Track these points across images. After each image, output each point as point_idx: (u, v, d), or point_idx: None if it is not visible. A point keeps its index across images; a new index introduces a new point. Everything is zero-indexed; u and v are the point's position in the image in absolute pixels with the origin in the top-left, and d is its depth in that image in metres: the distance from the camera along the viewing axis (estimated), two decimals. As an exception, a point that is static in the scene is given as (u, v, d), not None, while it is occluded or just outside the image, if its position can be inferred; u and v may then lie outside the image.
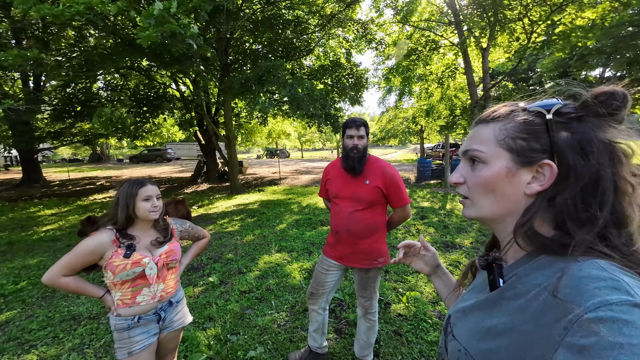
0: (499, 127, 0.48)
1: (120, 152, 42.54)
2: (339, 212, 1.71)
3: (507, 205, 0.47)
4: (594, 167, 0.40)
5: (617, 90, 0.43)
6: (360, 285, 1.78)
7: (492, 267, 0.49)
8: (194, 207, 7.26)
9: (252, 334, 2.31)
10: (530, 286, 0.41)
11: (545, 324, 0.35)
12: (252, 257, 3.90)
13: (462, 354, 0.47)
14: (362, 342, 1.87)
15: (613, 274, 0.34)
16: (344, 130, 1.67)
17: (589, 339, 0.30)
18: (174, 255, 1.42)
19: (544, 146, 0.44)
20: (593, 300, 0.32)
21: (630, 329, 0.29)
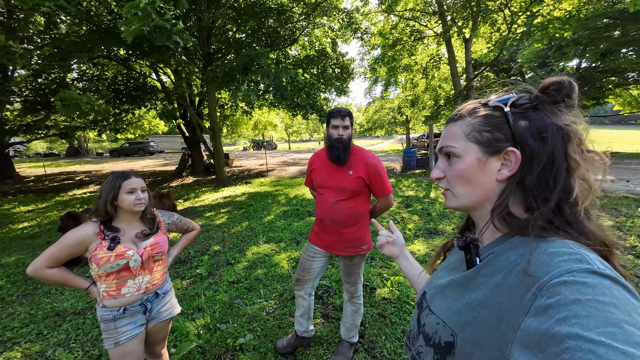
0: (466, 124, 0.53)
1: (100, 146, 40.95)
2: (323, 202, 1.75)
3: (483, 192, 0.52)
4: (549, 149, 0.46)
5: (563, 80, 0.48)
6: (345, 272, 1.84)
7: (470, 248, 0.53)
8: (180, 201, 7.15)
9: (242, 322, 2.36)
10: (505, 264, 0.45)
11: (517, 296, 0.39)
12: (240, 249, 3.92)
13: (441, 326, 0.50)
14: (348, 324, 1.95)
15: (578, 250, 0.39)
16: (329, 120, 1.70)
17: (552, 299, 0.34)
18: (159, 247, 1.43)
19: (506, 135, 0.49)
20: (558, 269, 0.37)
21: (587, 289, 0.34)
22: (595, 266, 0.36)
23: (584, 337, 0.30)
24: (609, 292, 0.33)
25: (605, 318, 0.31)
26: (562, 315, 0.32)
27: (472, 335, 0.45)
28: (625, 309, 0.32)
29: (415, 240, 4.02)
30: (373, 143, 45.32)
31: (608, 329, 0.30)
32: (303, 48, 11.65)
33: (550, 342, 0.32)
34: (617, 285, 0.35)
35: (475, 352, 0.43)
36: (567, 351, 0.30)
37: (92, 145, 38.92)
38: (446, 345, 0.48)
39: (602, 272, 0.35)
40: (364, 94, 27.02)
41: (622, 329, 0.30)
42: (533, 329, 0.35)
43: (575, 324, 0.31)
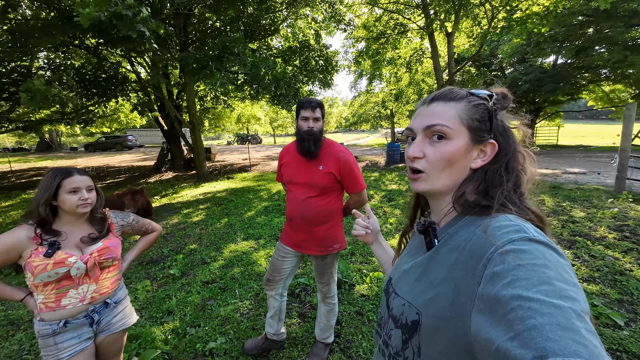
0: (462, 107, 0.54)
1: (75, 140, 38.99)
2: (293, 199, 1.65)
3: (457, 177, 0.54)
4: (511, 146, 0.53)
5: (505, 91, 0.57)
6: (318, 272, 1.77)
7: (428, 231, 0.56)
8: (157, 197, 6.87)
9: (213, 324, 2.25)
10: (460, 241, 0.49)
11: (472, 268, 0.43)
12: (217, 247, 3.78)
13: (407, 307, 0.53)
14: (322, 324, 1.89)
15: (517, 222, 0.44)
16: (298, 111, 1.59)
17: (498, 267, 0.39)
18: (109, 252, 1.29)
19: (488, 128, 0.53)
20: (502, 240, 0.42)
21: (525, 254, 0.39)
22: (531, 234, 0.41)
23: (524, 296, 0.34)
24: (542, 255, 0.38)
25: (539, 278, 0.36)
26: (507, 280, 0.37)
27: (434, 311, 0.47)
28: (555, 269, 0.37)
29: (396, 234, 4.01)
30: (359, 137, 45.44)
31: (542, 287, 0.35)
32: (286, 39, 11.38)
33: (500, 305, 0.36)
34: (549, 248, 0.40)
35: (439, 326, 0.46)
36: (513, 311, 0.34)
37: (65, 140, 36.96)
38: (412, 324, 0.51)
39: (537, 239, 0.41)
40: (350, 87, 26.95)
41: (553, 285, 0.35)
42: (485, 295, 0.39)
43: (517, 286, 0.36)
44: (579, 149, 15.07)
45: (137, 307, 2.50)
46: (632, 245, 3.31)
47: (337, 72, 11.13)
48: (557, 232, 3.82)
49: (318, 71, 9.80)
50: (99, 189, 1.29)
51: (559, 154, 13.50)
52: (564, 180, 7.25)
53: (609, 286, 2.59)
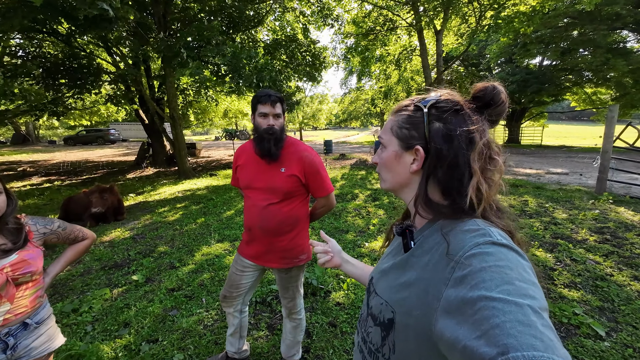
0: (394, 119, 0.60)
1: (54, 133, 37.43)
2: (251, 207, 1.47)
3: (400, 180, 0.59)
4: (453, 151, 0.51)
5: (487, 86, 0.53)
6: (282, 286, 1.59)
7: (406, 233, 0.58)
8: (132, 195, 6.54)
9: (172, 339, 2.05)
10: (432, 244, 0.51)
11: (440, 270, 0.46)
12: (189, 249, 3.56)
13: (384, 306, 0.56)
14: (288, 341, 1.72)
15: (484, 227, 0.47)
16: (256, 106, 1.40)
17: (465, 270, 0.41)
18: (26, 267, 1.09)
19: (420, 134, 0.54)
20: (469, 244, 0.44)
21: (489, 257, 0.41)
22: (495, 238, 0.44)
23: (488, 296, 0.36)
24: (504, 257, 0.41)
25: (502, 279, 0.38)
26: (473, 283, 0.39)
27: (406, 309, 0.50)
28: (517, 269, 0.39)
29: (378, 235, 3.88)
30: (349, 134, 45.38)
31: (504, 287, 0.37)
32: (273, 32, 11.07)
33: (467, 306, 0.38)
34: (511, 250, 0.42)
35: (409, 323, 0.49)
36: (479, 311, 0.36)
37: (44, 132, 35.42)
38: (388, 322, 0.54)
39: (500, 242, 0.43)
40: (340, 84, 26.80)
41: (514, 285, 0.37)
42: (453, 297, 0.41)
43: (482, 287, 0.37)
44: (561, 150, 15.38)
45: (90, 319, 2.27)
46: (613, 248, 3.28)
47: (325, 68, 10.91)
48: (539, 234, 3.77)
49: (305, 65, 9.56)
50: (10, 192, 1.09)
51: (543, 153, 13.73)
52: (547, 180, 7.30)
53: (590, 292, 2.53)
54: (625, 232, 3.74)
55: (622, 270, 2.84)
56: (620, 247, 3.31)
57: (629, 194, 5.53)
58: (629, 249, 3.25)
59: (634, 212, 4.45)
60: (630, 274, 2.77)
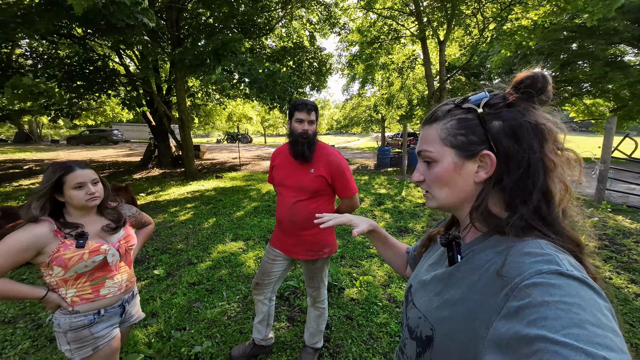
0: (441, 127, 0.52)
1: (56, 132, 37.55)
2: (283, 202, 1.63)
3: (461, 194, 0.52)
4: (525, 149, 0.45)
5: (536, 73, 0.48)
6: (308, 276, 1.74)
7: (452, 245, 0.54)
8: (142, 195, 6.68)
9: (199, 327, 2.19)
10: (483, 262, 0.46)
11: (492, 294, 0.41)
12: (204, 247, 3.70)
13: (422, 320, 0.52)
14: (312, 329, 1.86)
15: (549, 251, 0.40)
16: (292, 113, 1.57)
17: (523, 301, 0.36)
18: (132, 240, 1.30)
19: (480, 137, 0.49)
20: (529, 270, 0.38)
21: (555, 290, 0.35)
22: (564, 267, 0.37)
23: (550, 338, 0.31)
24: (575, 293, 0.34)
25: (570, 319, 0.32)
26: (531, 318, 0.34)
27: (448, 330, 0.46)
28: (590, 310, 0.33)
29: (385, 238, 4.02)
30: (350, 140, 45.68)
31: (573, 330, 0.31)
32: (280, 39, 11.33)
33: (521, 344, 0.33)
34: (584, 285, 0.36)
35: (451, 347, 0.45)
36: (536, 353, 0.31)
37: (46, 131, 35.55)
38: (426, 339, 0.50)
39: (570, 274, 0.37)
40: (342, 90, 27.08)
41: (586, 330, 0.31)
42: (505, 329, 0.36)
43: (543, 326, 0.32)
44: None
45: (119, 309, 2.40)
46: (611, 254, 3.43)
47: (330, 74, 11.15)
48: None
49: (311, 73, 9.78)
50: (104, 179, 1.26)
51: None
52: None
53: (590, 293, 2.67)
54: (623, 238, 3.89)
55: (620, 274, 2.99)
56: (618, 253, 3.46)
57: (627, 203, 5.71)
58: (626, 255, 3.41)
59: (631, 220, 4.61)
60: (628, 277, 2.92)
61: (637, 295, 2.61)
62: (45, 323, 2.23)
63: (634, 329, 2.19)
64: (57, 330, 1.13)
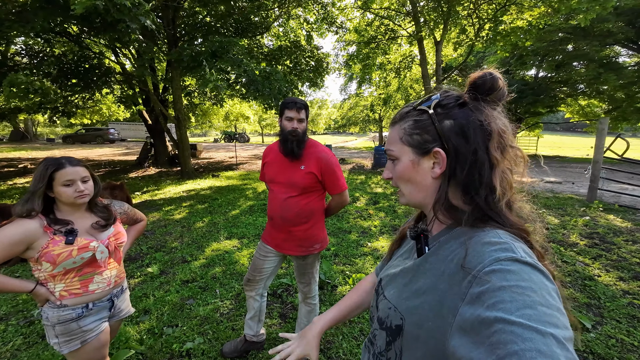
0: (399, 128, 0.57)
1: (52, 131, 37.28)
2: (274, 199, 1.65)
3: (423, 189, 0.56)
4: (472, 146, 0.49)
5: (485, 73, 0.51)
6: (299, 272, 1.76)
7: (420, 237, 0.57)
8: (137, 193, 6.66)
9: (192, 324, 2.20)
10: (448, 252, 0.49)
11: (456, 283, 0.43)
12: (198, 245, 3.70)
13: (392, 311, 0.54)
14: (303, 325, 1.88)
15: (505, 240, 0.44)
16: (283, 111, 1.59)
17: (483, 287, 0.39)
18: (121, 237, 1.32)
19: (433, 136, 0.52)
20: (489, 258, 0.41)
21: (511, 275, 0.38)
22: (519, 254, 0.41)
23: (506, 319, 0.34)
24: (528, 277, 0.38)
25: (523, 301, 0.35)
26: (491, 302, 0.37)
27: (417, 319, 0.48)
28: (540, 292, 0.37)
29: (380, 236, 4.05)
30: (347, 139, 45.71)
31: (526, 311, 0.35)
32: (277, 38, 11.32)
33: (482, 326, 0.36)
34: (535, 270, 0.40)
35: (420, 334, 0.47)
36: (495, 334, 0.34)
37: (42, 130, 35.29)
38: (396, 328, 0.53)
39: (524, 260, 0.40)
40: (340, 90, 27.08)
41: (536, 310, 0.35)
42: (468, 314, 0.39)
43: (501, 308, 0.35)
44: (555, 159, 15.74)
45: (111, 306, 2.41)
46: (601, 252, 3.48)
47: (327, 74, 11.17)
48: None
49: (308, 72, 9.80)
50: (95, 177, 1.26)
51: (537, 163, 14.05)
52: (541, 188, 7.55)
53: (579, 291, 2.72)
54: (613, 237, 3.95)
55: (609, 271, 3.04)
56: (608, 251, 3.51)
57: (618, 202, 5.78)
58: (616, 253, 3.46)
59: (622, 220, 4.68)
60: (617, 275, 2.96)
61: (625, 292, 2.66)
62: (37, 320, 2.23)
63: (620, 325, 2.23)
64: (46, 324, 1.14)
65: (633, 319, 2.30)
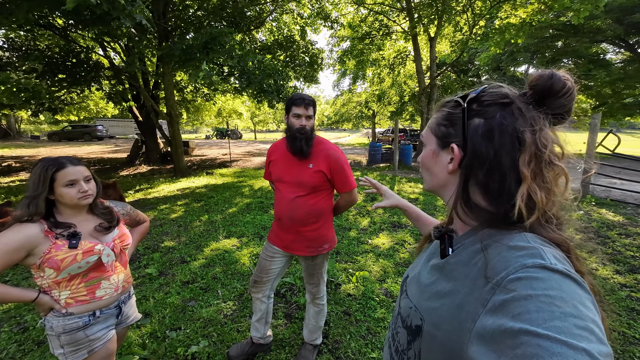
0: (435, 116, 0.57)
1: (37, 128, 36.16)
2: (281, 198, 1.60)
3: (439, 180, 0.56)
4: (492, 151, 0.46)
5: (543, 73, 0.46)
6: (307, 273, 1.72)
7: (444, 238, 0.55)
8: (130, 192, 6.50)
9: (195, 327, 2.14)
10: (472, 255, 0.47)
11: (478, 288, 0.42)
12: (197, 245, 3.63)
13: (412, 310, 0.54)
14: (311, 326, 1.85)
15: (534, 244, 0.41)
16: (290, 108, 1.53)
17: (508, 295, 0.37)
18: (127, 239, 1.26)
19: (457, 131, 0.51)
20: (515, 265, 0.39)
21: (538, 284, 0.36)
22: (548, 261, 0.38)
23: (533, 332, 0.32)
24: (557, 286, 0.35)
25: (552, 312, 0.33)
26: (515, 312, 0.35)
27: (436, 320, 0.47)
28: (572, 302, 0.34)
29: (379, 233, 4.04)
30: (340, 136, 45.70)
31: (555, 322, 0.32)
32: (271, 33, 11.15)
33: (505, 336, 0.34)
34: (566, 278, 0.37)
35: (437, 336, 0.46)
36: (520, 346, 0.32)
37: (26, 127, 34.17)
38: (416, 328, 0.52)
39: (553, 267, 0.37)
40: (333, 86, 26.96)
41: (567, 322, 0.32)
42: (490, 323, 0.37)
43: (527, 319, 0.33)
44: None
45: (110, 310, 2.33)
46: (596, 245, 3.55)
47: (322, 69, 11.07)
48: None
49: (302, 67, 9.69)
50: (95, 176, 1.20)
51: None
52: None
53: (578, 284, 2.76)
54: (607, 231, 4.04)
55: (605, 265, 3.10)
56: (603, 245, 3.59)
57: (610, 197, 5.92)
58: (611, 246, 3.53)
59: (614, 214, 4.79)
60: (613, 268, 3.02)
61: (622, 286, 2.71)
62: (31, 326, 2.14)
63: (620, 318, 2.27)
64: (50, 334, 1.08)
65: (632, 311, 2.35)
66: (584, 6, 6.44)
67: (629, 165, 6.46)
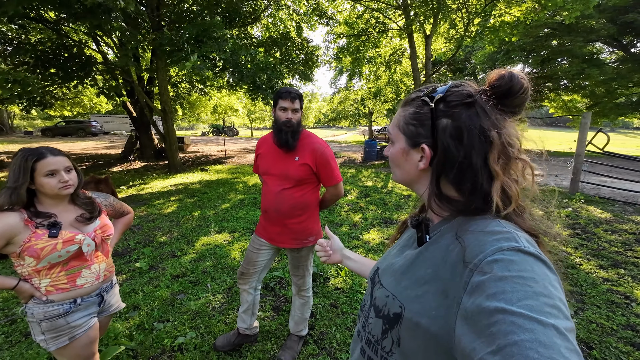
0: (401, 114, 0.57)
1: (30, 123, 35.68)
2: (268, 191, 1.62)
3: (410, 176, 0.58)
4: (463, 151, 0.47)
5: (503, 74, 0.48)
6: (293, 265, 1.75)
7: (421, 226, 0.57)
8: (123, 188, 6.48)
9: (183, 319, 2.17)
10: (449, 241, 0.49)
11: (458, 272, 0.43)
12: (188, 240, 3.64)
13: (390, 299, 0.54)
14: (296, 317, 1.88)
15: (509, 229, 0.44)
16: (277, 101, 1.55)
17: (485, 276, 0.39)
18: (108, 229, 1.27)
19: (427, 131, 0.52)
20: (491, 248, 0.41)
21: (513, 265, 0.38)
22: (522, 244, 0.41)
23: (507, 310, 0.34)
24: (530, 268, 0.38)
25: (525, 292, 0.35)
26: (491, 292, 0.37)
27: (420, 308, 0.48)
28: (542, 283, 0.37)
29: (371, 229, 4.08)
30: (337, 133, 45.72)
31: (527, 301, 0.35)
32: (267, 29, 11.09)
33: (482, 315, 0.36)
34: (538, 261, 0.39)
35: (422, 323, 0.47)
36: (495, 324, 0.34)
37: (19, 122, 33.72)
38: (394, 316, 0.52)
39: (527, 250, 0.40)
40: (330, 83, 26.91)
41: (538, 301, 0.35)
42: (469, 304, 0.39)
43: (502, 299, 0.35)
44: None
45: (98, 302, 2.35)
46: (583, 241, 3.62)
47: (317, 67, 11.05)
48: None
49: (299, 64, 9.67)
50: (77, 167, 1.20)
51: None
52: (525, 181, 7.77)
53: (562, 279, 2.81)
54: (594, 227, 4.11)
55: (589, 260, 3.17)
56: (589, 241, 3.65)
57: (599, 194, 6.00)
58: (596, 242, 3.60)
59: (602, 211, 4.87)
60: (597, 263, 3.09)
61: (604, 280, 2.78)
62: (19, 318, 2.15)
63: (600, 310, 2.33)
64: (31, 320, 1.10)
65: (612, 304, 2.41)
66: (575, 6, 6.49)
67: (620, 163, 6.56)
